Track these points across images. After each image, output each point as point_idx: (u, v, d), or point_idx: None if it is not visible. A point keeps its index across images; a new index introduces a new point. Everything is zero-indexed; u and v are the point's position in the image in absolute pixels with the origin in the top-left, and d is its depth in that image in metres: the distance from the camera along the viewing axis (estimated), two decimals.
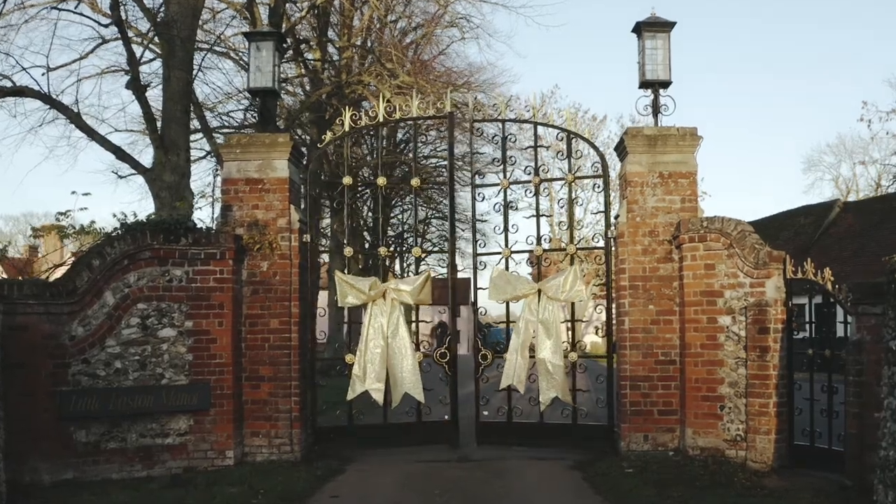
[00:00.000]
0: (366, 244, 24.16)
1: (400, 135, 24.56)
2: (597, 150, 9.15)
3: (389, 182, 17.86)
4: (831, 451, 7.20)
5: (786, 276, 7.71)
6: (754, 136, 79.44)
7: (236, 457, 8.06)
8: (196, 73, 14.32)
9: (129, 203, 54.48)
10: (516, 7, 24.84)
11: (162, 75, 12.99)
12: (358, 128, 9.37)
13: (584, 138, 9.11)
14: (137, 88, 12.58)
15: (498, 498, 6.96)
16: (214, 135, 17.81)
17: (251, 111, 17.06)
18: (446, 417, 9.15)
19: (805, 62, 79.16)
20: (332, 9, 20.85)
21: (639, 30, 8.81)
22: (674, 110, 8.69)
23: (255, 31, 9.79)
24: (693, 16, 64.91)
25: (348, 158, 9.98)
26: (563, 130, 9.20)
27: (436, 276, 15.51)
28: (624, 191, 8.63)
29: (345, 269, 9.34)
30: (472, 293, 9.45)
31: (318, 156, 15.85)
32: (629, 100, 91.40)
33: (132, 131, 19.51)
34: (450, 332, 9.21)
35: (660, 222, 8.42)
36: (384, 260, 9.77)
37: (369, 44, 21.79)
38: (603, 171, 9.06)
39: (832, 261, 7.57)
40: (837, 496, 6.46)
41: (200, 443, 7.93)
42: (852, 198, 39.25)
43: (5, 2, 12.64)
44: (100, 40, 14.88)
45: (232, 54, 19.67)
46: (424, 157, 25.37)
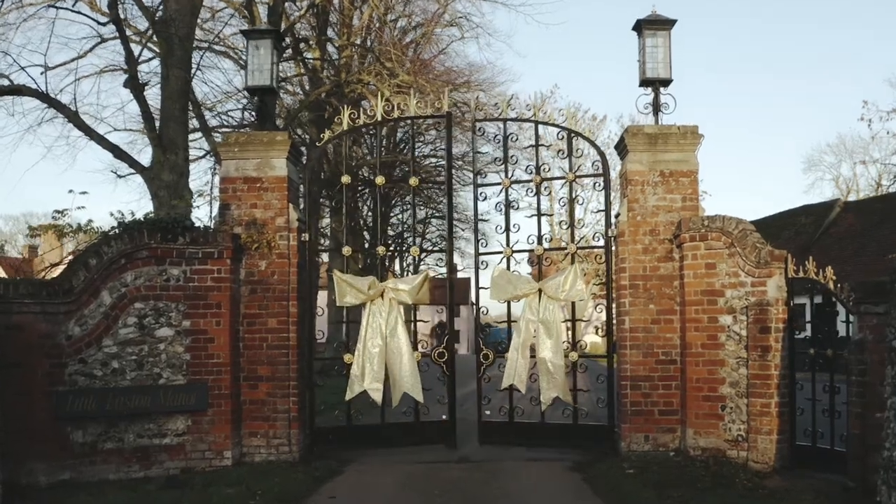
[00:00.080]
0: (365, 244, 24.08)
1: (400, 134, 24.51)
2: (597, 149, 9.10)
3: (388, 181, 17.90)
4: (833, 451, 7.16)
5: (787, 275, 7.66)
6: (754, 136, 79.50)
7: (234, 457, 8.01)
8: (195, 71, 14.28)
9: (127, 202, 54.44)
10: (516, 5, 24.85)
11: (160, 74, 12.95)
12: (357, 126, 9.32)
13: (584, 137, 9.07)
14: (135, 87, 12.52)
15: (496, 499, 6.91)
16: (213, 134, 17.77)
17: (249, 110, 16.98)
18: (444, 417, 9.11)
19: (805, 62, 79.25)
20: (332, 8, 20.80)
21: (639, 27, 8.76)
22: (674, 109, 8.65)
23: (253, 28, 9.73)
24: (693, 16, 64.91)
25: (347, 157, 9.93)
26: (563, 129, 9.16)
27: (435, 276, 15.48)
28: (624, 189, 8.57)
29: (344, 268, 9.30)
30: (471, 293, 9.42)
31: (318, 155, 15.81)
32: (629, 99, 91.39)
33: (131, 130, 19.47)
34: (448, 331, 9.17)
35: (660, 221, 8.37)
36: (383, 259, 9.72)
37: (369, 43, 21.73)
38: (603, 169, 9.01)
39: (833, 260, 7.53)
40: (840, 497, 6.42)
41: (198, 443, 7.88)
42: (853, 198, 39.21)
43: (3, 1, 12.61)
44: (98, 39, 14.82)
45: (231, 53, 19.65)
46: (424, 156, 25.31)
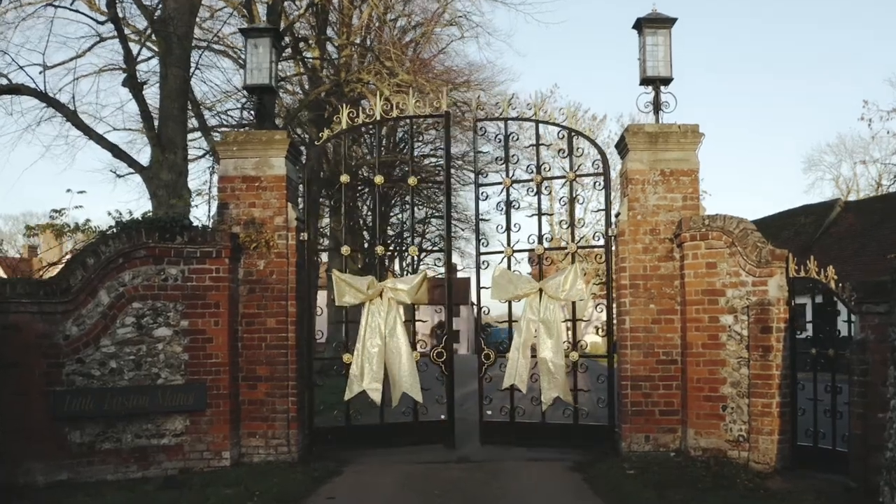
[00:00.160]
0: (365, 244, 24.06)
1: (400, 134, 24.50)
2: (598, 148, 9.06)
3: (388, 181, 17.86)
4: (835, 451, 7.13)
5: (788, 274, 7.62)
6: (754, 135, 79.45)
7: (233, 458, 7.97)
8: (193, 71, 14.22)
9: (126, 202, 54.35)
10: (515, 4, 24.77)
11: (159, 73, 12.90)
12: (355, 126, 9.29)
13: (585, 136, 9.03)
14: (134, 86, 12.47)
15: (496, 499, 6.88)
16: (213, 133, 17.72)
17: (248, 109, 16.95)
18: (443, 417, 9.08)
19: (805, 62, 79.18)
20: (331, 7, 20.75)
21: (639, 26, 8.72)
22: (675, 107, 8.60)
23: (252, 27, 9.68)
24: (693, 16, 64.88)
25: (346, 156, 9.90)
26: (564, 128, 9.13)
27: (434, 276, 15.45)
28: (625, 188, 8.54)
29: (343, 268, 9.27)
30: (471, 293, 9.42)
31: (317, 154, 15.79)
32: (629, 99, 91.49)
33: (130, 130, 19.39)
34: (446, 331, 9.15)
35: (661, 220, 8.33)
36: (381, 259, 9.69)
37: (368, 42, 21.69)
38: (604, 168, 8.98)
39: (833, 260, 7.52)
40: (842, 498, 6.39)
41: (196, 443, 7.84)
42: (853, 197, 39.15)
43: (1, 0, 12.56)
44: (97, 38, 14.75)
45: (230, 52, 19.61)
46: (423, 156, 25.27)
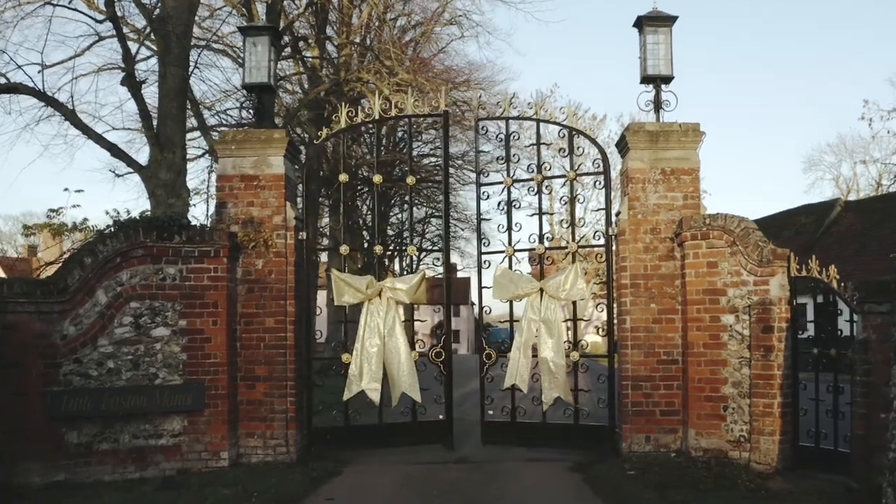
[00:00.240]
0: (365, 243, 24.02)
1: (400, 133, 24.46)
2: (598, 146, 9.01)
3: (388, 180, 17.82)
4: (837, 452, 7.08)
5: (790, 274, 7.58)
6: (755, 135, 79.48)
7: (231, 458, 7.93)
8: (192, 70, 14.14)
9: (125, 201, 54.30)
10: (515, 2, 24.69)
11: (158, 72, 12.84)
12: (354, 124, 9.26)
13: (585, 134, 8.99)
14: (133, 85, 12.41)
15: (495, 500, 6.84)
16: (212, 133, 17.66)
17: (247, 108, 16.91)
18: (441, 417, 9.05)
19: (805, 62, 79.16)
20: (331, 6, 20.70)
21: (640, 24, 8.68)
22: (676, 106, 8.56)
23: (251, 25, 9.64)
24: (693, 16, 64.85)
25: (344, 155, 9.86)
26: (565, 127, 9.09)
27: (434, 276, 15.41)
28: (625, 187, 8.49)
29: (342, 267, 9.23)
30: (471, 292, 9.40)
31: (318, 154, 15.73)
32: (629, 99, 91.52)
33: (130, 129, 19.31)
34: (444, 330, 9.12)
35: (662, 219, 8.29)
36: (380, 258, 9.65)
37: (368, 41, 21.65)
38: (604, 167, 8.94)
39: (834, 260, 7.48)
40: (844, 499, 6.34)
41: (194, 444, 7.80)
42: (853, 197, 39.11)
43: None
44: (95, 37, 14.65)
45: (230, 51, 19.54)
46: (423, 155, 25.24)
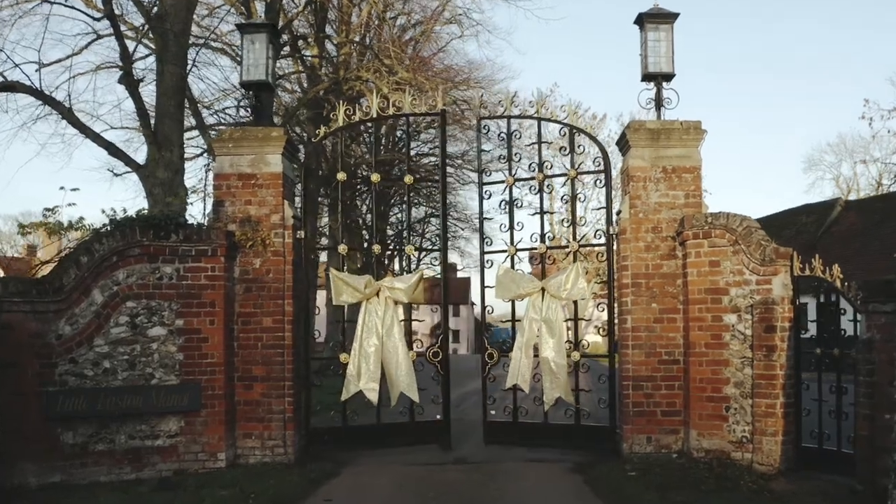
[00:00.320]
0: (365, 243, 23.95)
1: (399, 133, 24.39)
2: (599, 145, 8.94)
3: (386, 179, 17.73)
4: (840, 453, 7.01)
5: (793, 273, 7.51)
6: (755, 135, 79.46)
7: (228, 459, 7.85)
8: (190, 68, 14.08)
9: (123, 200, 53.96)
10: (515, 0, 24.60)
11: (156, 70, 12.77)
12: (352, 123, 9.20)
13: (586, 133, 8.92)
14: (130, 83, 12.35)
15: (494, 501, 6.77)
16: (210, 131, 17.59)
17: (244, 106, 16.80)
18: (438, 417, 8.99)
19: (806, 61, 79.11)
20: (330, 5, 20.63)
21: (641, 21, 8.60)
22: (677, 104, 8.47)
23: (248, 22, 9.52)
24: (693, 15, 64.79)
25: (342, 154, 9.79)
26: (566, 125, 9.02)
27: (434, 275, 15.33)
28: (626, 186, 8.42)
29: (341, 267, 9.17)
30: (472, 292, 9.34)
31: (317, 153, 15.65)
32: (629, 99, 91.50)
33: (128, 128, 19.20)
34: (441, 330, 9.05)
35: (663, 218, 8.21)
36: (378, 257, 9.59)
37: (368, 40, 21.57)
38: (605, 165, 8.87)
39: (835, 259, 7.41)
40: (847, 500, 6.28)
41: (191, 444, 7.72)
42: (853, 197, 39.06)
43: None
44: (93, 36, 14.56)
45: (228, 50, 19.46)
46: (422, 155, 25.16)
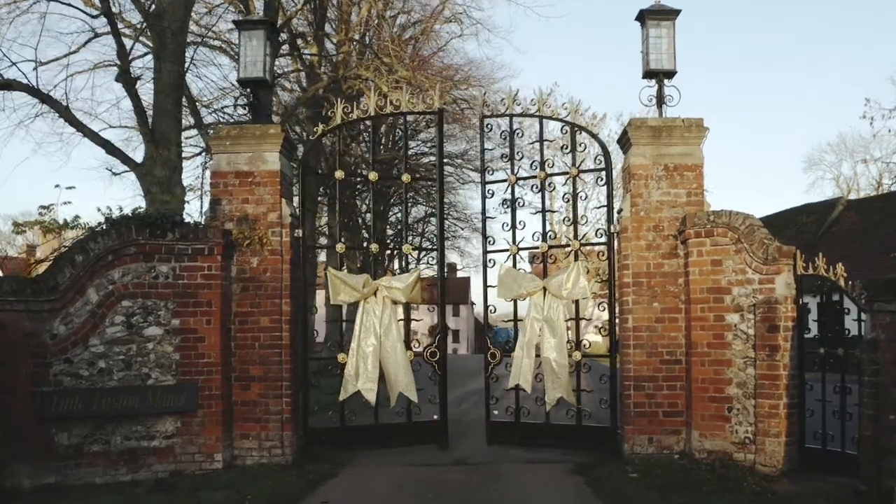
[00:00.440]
0: (364, 242, 23.87)
1: (399, 132, 24.32)
2: (600, 143, 8.85)
3: (385, 178, 17.64)
4: (844, 454, 6.93)
5: (796, 272, 7.43)
6: (755, 135, 79.42)
7: (225, 460, 7.77)
8: (188, 66, 13.99)
9: (121, 199, 54.13)
10: None
11: (153, 68, 12.69)
12: (350, 120, 9.12)
13: (587, 130, 8.84)
14: (127, 81, 12.27)
15: (493, 501, 6.69)
16: (208, 130, 17.50)
17: (241, 105, 16.70)
18: (435, 417, 8.92)
19: (806, 61, 79.08)
20: (330, 3, 20.55)
21: (642, 18, 8.52)
22: (678, 101, 8.38)
23: (246, 19, 9.43)
24: (694, 15, 64.74)
25: (340, 152, 9.71)
26: (567, 123, 8.94)
27: (433, 275, 15.22)
28: (627, 184, 8.33)
29: (339, 266, 9.09)
30: (471, 292, 9.26)
31: (316, 152, 15.55)
32: (629, 98, 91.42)
33: (126, 127, 19.12)
34: (438, 330, 8.97)
35: (665, 216, 8.13)
36: (376, 257, 9.51)
37: (367, 39, 21.49)
38: (606, 163, 8.78)
39: (837, 258, 7.34)
40: (851, 501, 6.19)
41: (188, 445, 7.64)
42: (853, 197, 39.00)
43: None
44: (91, 34, 14.52)
45: (227, 48, 19.37)
46: (421, 154, 25.09)
